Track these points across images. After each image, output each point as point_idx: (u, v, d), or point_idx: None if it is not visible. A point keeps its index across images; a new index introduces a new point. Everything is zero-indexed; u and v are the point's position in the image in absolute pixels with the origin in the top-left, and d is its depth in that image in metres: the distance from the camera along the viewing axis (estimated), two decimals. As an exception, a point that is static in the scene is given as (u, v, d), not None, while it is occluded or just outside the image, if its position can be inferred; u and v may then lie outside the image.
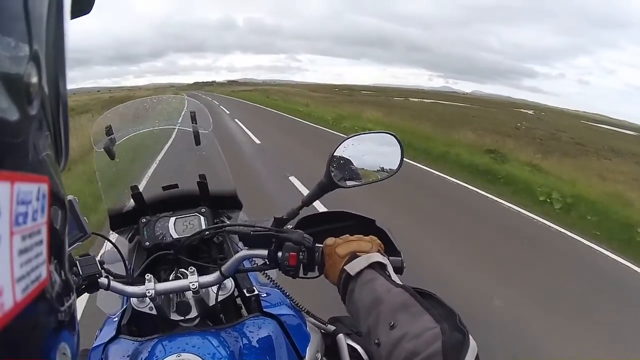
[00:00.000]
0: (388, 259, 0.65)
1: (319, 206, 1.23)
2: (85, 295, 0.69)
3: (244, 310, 0.85)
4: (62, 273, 0.22)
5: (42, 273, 0.19)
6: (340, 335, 0.83)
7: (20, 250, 0.18)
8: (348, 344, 0.81)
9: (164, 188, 0.97)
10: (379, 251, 0.66)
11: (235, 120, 14.71)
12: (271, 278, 0.86)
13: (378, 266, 0.62)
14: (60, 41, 0.22)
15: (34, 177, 0.19)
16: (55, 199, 0.21)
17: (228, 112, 18.82)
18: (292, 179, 5.59)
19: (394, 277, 0.62)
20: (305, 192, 0.80)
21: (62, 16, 0.22)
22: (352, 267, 0.62)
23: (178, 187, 0.97)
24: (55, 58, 0.22)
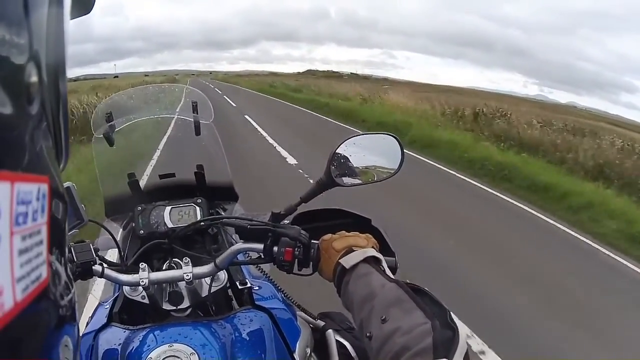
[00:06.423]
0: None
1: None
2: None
3: (234, 302, 0.85)
4: (62, 272, 0.22)
5: (42, 273, 0.19)
6: (330, 331, 0.83)
7: (21, 250, 0.18)
8: (337, 340, 0.82)
9: (161, 176, 0.97)
10: (373, 247, 0.67)
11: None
12: (264, 271, 0.86)
13: (373, 261, 0.63)
14: (60, 41, 0.22)
15: (34, 177, 0.19)
16: (56, 198, 0.21)
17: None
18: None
19: (388, 272, 0.63)
20: None
21: (62, 16, 0.22)
22: (347, 261, 0.63)
23: (175, 176, 0.97)
24: (55, 58, 0.22)
